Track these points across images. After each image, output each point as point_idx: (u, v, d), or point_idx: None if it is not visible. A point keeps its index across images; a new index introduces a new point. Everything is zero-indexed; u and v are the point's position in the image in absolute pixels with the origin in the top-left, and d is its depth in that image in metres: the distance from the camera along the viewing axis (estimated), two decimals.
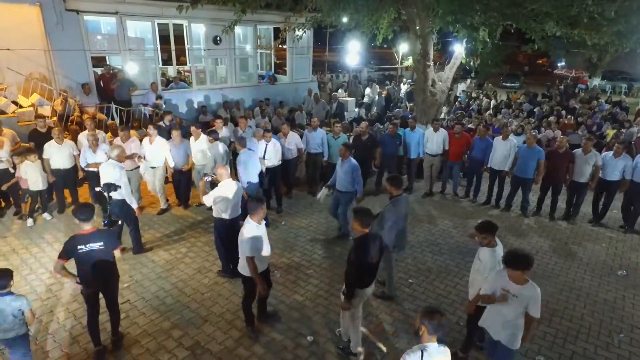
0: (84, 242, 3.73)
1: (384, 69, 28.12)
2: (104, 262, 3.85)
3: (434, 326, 2.60)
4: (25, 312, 3.45)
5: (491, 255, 3.79)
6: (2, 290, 3.36)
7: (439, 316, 2.64)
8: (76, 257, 3.74)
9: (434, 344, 2.64)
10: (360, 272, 3.77)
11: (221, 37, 11.78)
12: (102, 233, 3.88)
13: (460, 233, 6.96)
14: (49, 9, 8.70)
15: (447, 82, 10.12)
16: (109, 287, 4.05)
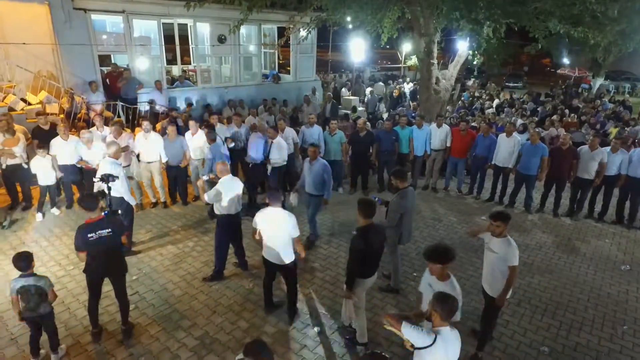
0: (94, 229, 3.84)
1: (387, 68, 28.18)
2: (113, 248, 3.99)
3: (446, 312, 2.61)
4: (48, 291, 3.65)
5: (508, 244, 3.79)
6: (25, 272, 3.58)
7: (452, 301, 2.65)
8: (87, 246, 3.83)
9: (446, 328, 2.64)
10: (362, 261, 3.83)
11: (226, 36, 11.88)
12: (109, 220, 4.00)
13: (465, 229, 7.00)
14: (57, 8, 8.81)
15: (450, 80, 10.17)
16: (118, 273, 4.15)
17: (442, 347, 2.57)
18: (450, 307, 2.62)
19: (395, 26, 10.19)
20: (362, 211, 3.86)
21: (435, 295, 2.74)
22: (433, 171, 8.65)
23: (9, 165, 6.62)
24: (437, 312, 2.64)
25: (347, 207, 7.72)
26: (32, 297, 3.57)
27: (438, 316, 2.64)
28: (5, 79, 8.65)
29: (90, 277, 4.04)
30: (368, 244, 3.80)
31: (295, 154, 8.08)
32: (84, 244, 3.81)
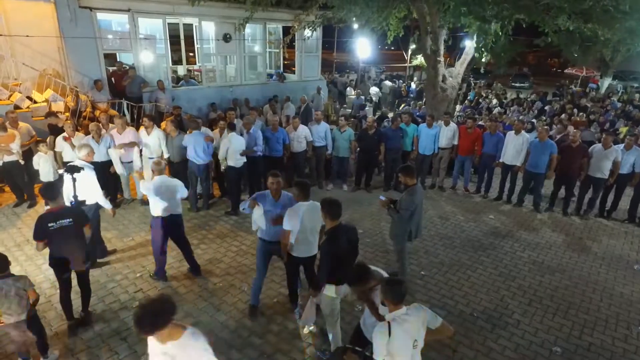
0: (54, 219, 3.81)
1: (392, 68, 28.07)
2: (75, 238, 3.94)
3: (394, 295, 2.67)
4: (28, 291, 3.52)
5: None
6: (2, 273, 3.43)
7: (397, 285, 2.71)
8: (48, 235, 3.82)
9: (400, 311, 2.67)
10: (332, 264, 3.55)
11: (231, 35, 11.85)
12: (70, 209, 3.99)
13: (472, 227, 6.90)
14: (63, 6, 8.80)
15: (457, 78, 10.06)
16: (80, 263, 4.10)
17: (400, 332, 2.60)
18: (398, 290, 2.67)
19: (401, 24, 10.12)
20: (328, 212, 3.55)
21: (383, 281, 2.80)
22: (440, 169, 8.54)
23: (6, 162, 6.61)
24: (387, 298, 2.69)
25: (352, 204, 7.64)
26: (12, 300, 3.41)
27: (389, 302, 2.69)
28: (11, 77, 8.64)
29: (56, 269, 4.04)
30: (339, 247, 3.55)
31: (307, 151, 8.01)
32: (43, 232, 3.79)
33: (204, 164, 6.87)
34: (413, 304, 2.77)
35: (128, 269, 5.28)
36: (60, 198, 4.02)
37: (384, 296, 2.72)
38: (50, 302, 4.58)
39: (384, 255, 5.91)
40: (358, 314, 4.53)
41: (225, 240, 6.15)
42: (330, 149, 8.09)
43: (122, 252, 5.70)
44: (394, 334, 2.56)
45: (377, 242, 6.29)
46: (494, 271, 5.57)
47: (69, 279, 4.11)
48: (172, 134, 6.96)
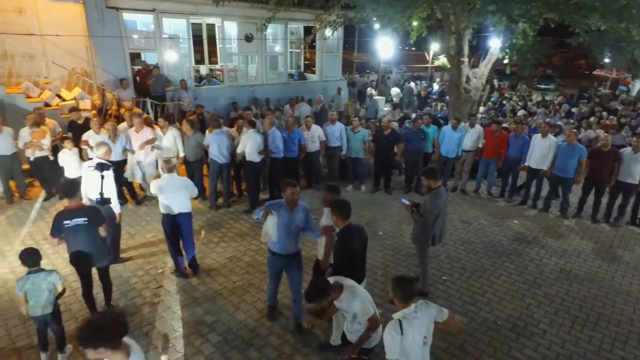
0: (70, 217, 3.86)
1: (414, 68, 27.76)
2: (89, 236, 3.96)
3: (404, 294, 2.70)
4: (57, 285, 3.61)
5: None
6: (34, 267, 3.52)
7: (407, 283, 2.74)
8: (64, 232, 3.88)
9: (409, 309, 2.69)
10: (347, 265, 3.57)
11: (253, 34, 11.92)
12: (86, 209, 4.02)
13: (496, 233, 6.72)
14: (91, 6, 9.04)
15: (482, 79, 9.84)
16: (98, 261, 4.15)
17: (411, 330, 2.63)
18: (409, 289, 2.71)
19: (424, 24, 9.97)
20: (339, 213, 3.54)
21: (392, 279, 2.82)
22: (462, 172, 8.37)
23: (37, 157, 6.82)
24: (397, 296, 2.72)
25: (372, 206, 7.57)
26: (43, 293, 3.51)
27: (399, 300, 2.73)
28: (42, 75, 8.92)
29: (75, 267, 4.11)
30: (352, 247, 3.57)
31: (320, 151, 7.98)
32: (58, 230, 3.85)
33: (226, 162, 6.91)
34: (419, 300, 2.78)
35: (150, 265, 5.35)
36: (78, 196, 4.07)
37: (393, 294, 2.75)
38: (75, 294, 4.67)
39: (405, 258, 5.81)
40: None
41: (245, 239, 6.17)
42: (345, 150, 8.03)
43: (145, 248, 5.78)
44: (406, 332, 2.60)
45: (398, 244, 6.20)
46: (519, 278, 5.41)
47: (88, 275, 4.17)
48: (187, 134, 7.01)
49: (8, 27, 8.25)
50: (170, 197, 4.78)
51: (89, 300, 4.22)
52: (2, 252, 5.54)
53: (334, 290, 3.09)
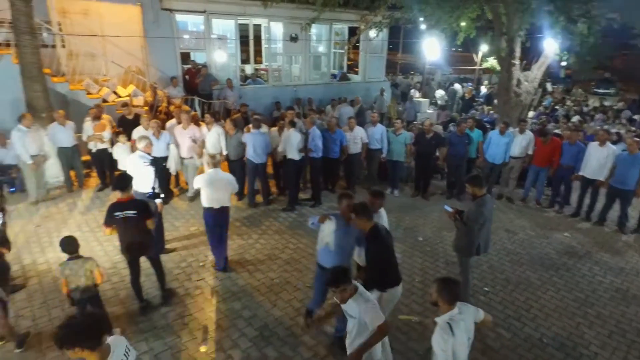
0: (120, 209, 4.07)
1: (461, 70, 26.93)
2: (138, 228, 4.15)
3: (451, 295, 2.68)
4: (94, 271, 3.78)
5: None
6: (72, 255, 3.73)
7: (454, 284, 2.74)
8: (115, 223, 4.10)
9: (454, 311, 2.69)
10: (383, 266, 3.52)
11: (298, 35, 12.06)
12: (136, 202, 4.20)
13: (544, 245, 6.38)
14: (147, 8, 9.52)
15: (533, 83, 9.37)
16: (147, 251, 4.35)
17: (459, 331, 2.63)
18: (454, 291, 2.71)
19: (473, 25, 9.64)
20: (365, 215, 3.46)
21: (438, 280, 2.79)
22: (509, 179, 8.01)
23: (99, 149, 7.26)
24: (443, 298, 2.70)
25: (412, 211, 7.44)
26: (80, 279, 3.71)
27: (444, 302, 2.70)
28: (101, 73, 9.50)
29: (125, 256, 4.33)
30: (386, 243, 3.53)
31: (362, 153, 7.92)
32: (110, 220, 4.08)
33: (261, 162, 7.01)
34: (459, 303, 2.75)
35: (192, 257, 5.55)
36: (130, 189, 4.29)
37: (438, 295, 2.72)
38: (124, 281, 4.93)
39: (445, 266, 5.66)
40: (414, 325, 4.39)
41: (283, 236, 6.25)
42: (385, 152, 7.93)
43: (188, 240, 6.00)
44: (456, 334, 2.60)
45: (438, 251, 6.04)
46: (568, 295, 5.10)
47: (137, 264, 4.39)
48: (230, 132, 7.17)
49: (75, 28, 8.86)
50: (214, 192, 4.94)
51: (136, 288, 4.44)
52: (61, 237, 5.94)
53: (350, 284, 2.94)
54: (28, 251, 5.52)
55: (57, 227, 6.20)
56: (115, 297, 4.65)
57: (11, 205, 6.62)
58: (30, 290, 4.71)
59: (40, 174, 7.03)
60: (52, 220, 6.40)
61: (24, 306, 4.44)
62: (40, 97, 7.26)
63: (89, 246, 5.69)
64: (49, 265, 5.17)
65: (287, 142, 6.96)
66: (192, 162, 7.27)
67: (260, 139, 6.92)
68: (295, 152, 6.95)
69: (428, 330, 4.27)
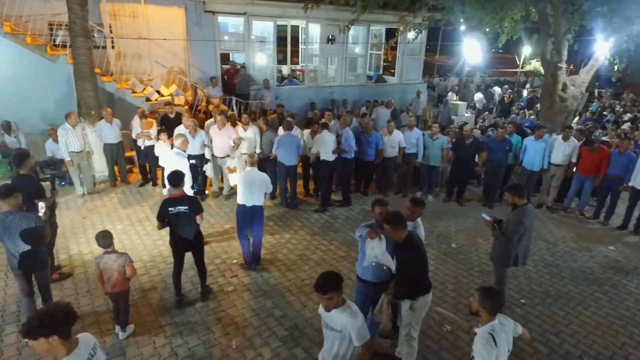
0: (174, 204, 4.27)
1: (500, 73, 26.04)
2: (188, 223, 4.35)
3: (493, 305, 2.63)
4: (127, 267, 3.91)
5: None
6: (108, 249, 3.87)
7: (498, 295, 2.69)
8: (168, 217, 4.29)
9: (495, 322, 2.64)
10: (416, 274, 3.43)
11: (335, 36, 12.09)
12: (188, 198, 4.39)
13: (586, 258, 6.08)
14: (191, 10, 9.86)
15: (581, 87, 8.94)
16: (195, 246, 4.53)
17: (500, 343, 2.60)
18: (497, 301, 2.66)
19: (517, 26, 9.30)
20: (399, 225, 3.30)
21: (481, 290, 2.71)
22: (551, 188, 7.68)
23: (147, 146, 7.58)
24: (485, 308, 2.64)
25: (446, 216, 7.29)
26: (113, 273, 3.86)
27: (486, 312, 2.65)
28: (146, 73, 9.93)
29: (173, 249, 4.52)
30: (420, 253, 3.42)
31: (398, 157, 7.84)
32: (163, 214, 4.28)
33: (292, 165, 7.05)
34: (499, 315, 2.70)
35: (226, 254, 5.70)
36: (183, 186, 4.50)
37: (481, 305, 2.66)
38: (161, 274, 5.15)
39: (479, 275, 5.51)
40: (445, 334, 4.31)
41: (315, 237, 6.30)
42: (421, 157, 7.79)
43: (222, 237, 6.17)
44: (498, 344, 2.57)
45: (472, 259, 5.89)
46: (612, 312, 4.84)
47: (181, 258, 4.55)
48: (262, 128, 7.32)
49: (124, 30, 9.31)
50: (249, 190, 5.07)
51: (176, 282, 4.58)
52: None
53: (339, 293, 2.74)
54: (75, 242, 5.86)
55: (101, 219, 6.55)
56: (153, 289, 4.85)
57: (61, 197, 7.06)
58: (76, 279, 4.99)
59: (87, 168, 7.43)
60: (97, 213, 6.76)
61: (70, 294, 4.72)
62: (91, 95, 7.69)
63: (129, 239, 5.98)
64: (93, 256, 5.43)
65: (320, 143, 7.01)
66: (227, 163, 7.45)
67: (292, 141, 6.98)
68: (329, 153, 6.99)
69: (460, 339, 4.22)
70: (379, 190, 8.28)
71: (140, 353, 3.89)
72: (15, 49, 7.95)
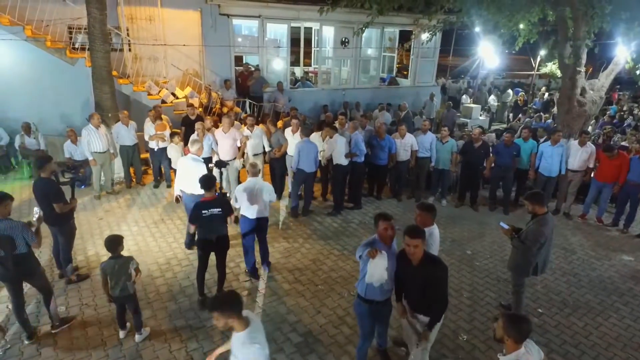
0: (207, 207, 4.33)
1: (515, 75, 25.68)
2: (221, 225, 4.43)
3: (522, 334, 2.51)
4: (132, 270, 3.92)
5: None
6: (114, 255, 3.88)
7: (525, 323, 2.55)
8: (200, 220, 4.33)
9: (521, 350, 2.53)
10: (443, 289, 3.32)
11: (349, 39, 12.08)
12: (220, 200, 4.46)
13: (606, 266, 5.95)
14: (207, 14, 9.96)
15: (600, 92, 8.76)
16: (223, 248, 4.59)
17: None
18: (525, 328, 2.53)
19: (534, 29, 9.18)
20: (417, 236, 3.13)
21: (507, 317, 2.58)
22: (568, 194, 7.54)
23: (160, 147, 7.66)
24: (511, 336, 2.51)
25: (460, 221, 7.22)
26: (118, 278, 3.85)
27: (512, 340, 2.52)
28: (162, 75, 10.04)
29: (201, 249, 4.56)
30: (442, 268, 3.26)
31: (410, 161, 7.78)
32: (197, 218, 4.32)
33: (311, 172, 6.99)
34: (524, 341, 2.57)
35: (240, 258, 5.66)
36: (214, 190, 4.54)
37: (505, 333, 2.53)
38: (176, 277, 5.18)
39: (495, 283, 5.43)
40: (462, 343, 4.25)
41: (329, 242, 6.28)
42: (434, 161, 7.72)
43: (236, 241, 6.02)
44: None
45: (488, 266, 5.81)
46: (634, 324, 4.72)
47: (207, 259, 4.61)
48: (271, 130, 7.30)
49: (140, 33, 9.44)
50: (252, 201, 4.96)
51: (200, 282, 4.63)
52: (120, 232, 6.32)
53: (238, 314, 2.53)
54: (92, 243, 5.94)
55: (117, 221, 6.63)
56: (168, 292, 4.89)
57: (79, 199, 7.13)
58: (93, 280, 5.05)
59: (109, 169, 7.51)
60: (113, 215, 6.85)
61: (88, 295, 4.78)
62: (108, 98, 7.80)
63: (145, 241, 6.04)
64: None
65: (333, 147, 6.99)
66: (234, 165, 7.41)
67: (311, 147, 6.91)
68: (342, 157, 6.97)
69: (477, 349, 4.16)
70: (392, 194, 8.24)
71: (156, 357, 3.93)
72: (36, 52, 8.12)
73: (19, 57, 8.14)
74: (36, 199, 4.74)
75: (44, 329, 4.20)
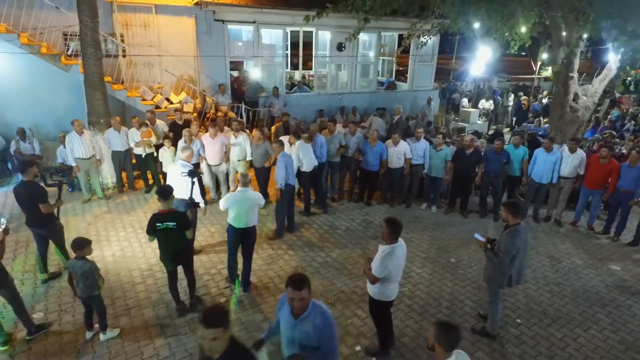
0: (161, 220, 4.29)
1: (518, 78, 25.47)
2: (176, 239, 4.36)
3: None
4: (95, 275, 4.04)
5: None
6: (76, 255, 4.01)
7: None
8: (156, 233, 4.33)
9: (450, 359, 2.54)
10: None
11: (345, 44, 12.10)
12: (176, 214, 4.39)
13: (591, 276, 5.89)
14: (201, 20, 10.04)
15: (594, 97, 8.67)
16: (183, 259, 4.59)
17: None
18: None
19: (529, 34, 9.11)
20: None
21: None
22: (559, 201, 7.47)
23: (147, 153, 7.75)
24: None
25: (448, 228, 7.19)
26: (79, 278, 3.99)
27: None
28: (156, 81, 10.15)
29: (164, 264, 4.58)
30: None
31: (405, 167, 7.75)
32: (152, 230, 4.33)
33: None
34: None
35: (222, 265, 5.73)
36: (171, 201, 4.53)
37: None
38: (157, 284, 5.23)
39: (476, 292, 5.40)
40: None
41: (313, 249, 6.29)
42: (427, 169, 7.71)
43: (220, 247, 6.20)
44: None
45: (472, 275, 5.78)
46: (613, 335, 4.67)
47: (174, 271, 4.60)
48: (257, 142, 7.19)
49: (135, 39, 9.56)
50: (240, 212, 4.93)
51: (173, 293, 4.66)
52: (108, 237, 6.41)
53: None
54: None
55: (105, 226, 6.72)
56: (147, 299, 4.95)
57: (68, 203, 7.26)
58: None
59: (96, 175, 7.61)
60: (101, 220, 6.94)
61: (68, 301, 4.84)
62: (100, 104, 7.92)
63: (130, 247, 6.11)
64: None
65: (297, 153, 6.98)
66: (220, 169, 7.54)
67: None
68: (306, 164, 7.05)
69: None
70: (384, 200, 8.23)
71: None
72: (31, 59, 8.26)
73: (15, 64, 8.29)
74: (20, 204, 4.85)
75: (20, 335, 4.28)
